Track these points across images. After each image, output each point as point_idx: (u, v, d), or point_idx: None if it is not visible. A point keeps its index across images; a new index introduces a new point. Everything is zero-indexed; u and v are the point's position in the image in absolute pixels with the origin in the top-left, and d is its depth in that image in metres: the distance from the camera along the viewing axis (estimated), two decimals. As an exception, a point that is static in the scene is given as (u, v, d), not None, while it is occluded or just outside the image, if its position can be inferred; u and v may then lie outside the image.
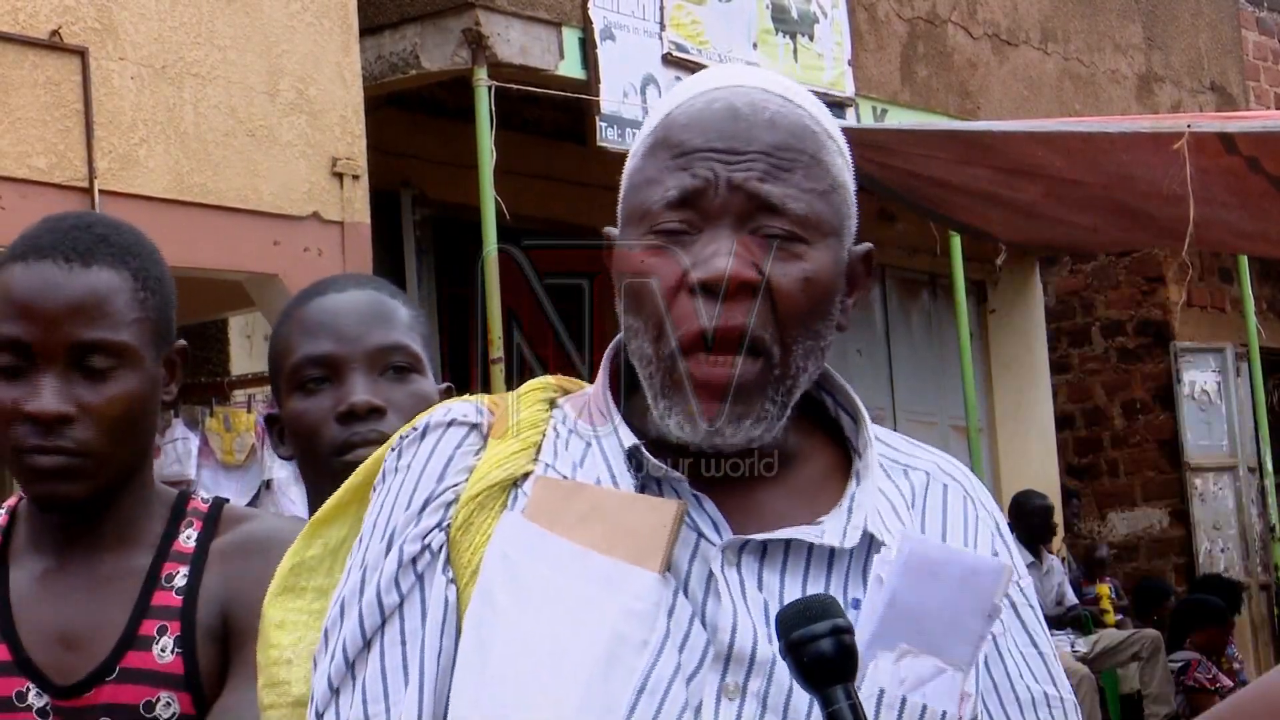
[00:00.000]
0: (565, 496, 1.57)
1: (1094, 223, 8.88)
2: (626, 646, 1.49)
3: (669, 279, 1.55)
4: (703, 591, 1.53)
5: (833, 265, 1.59)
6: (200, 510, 2.14)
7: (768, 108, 1.59)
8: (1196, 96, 12.34)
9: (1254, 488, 13.25)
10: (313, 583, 1.76)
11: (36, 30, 6.53)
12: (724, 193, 1.55)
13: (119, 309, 2.03)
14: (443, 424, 1.63)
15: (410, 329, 2.31)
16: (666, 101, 1.64)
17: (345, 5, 7.52)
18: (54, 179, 6.48)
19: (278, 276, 7.18)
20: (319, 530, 1.77)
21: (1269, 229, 8.44)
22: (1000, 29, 10.99)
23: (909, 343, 12.12)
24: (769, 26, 9.33)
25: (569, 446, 1.61)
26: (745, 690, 1.50)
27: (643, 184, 1.60)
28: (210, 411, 7.36)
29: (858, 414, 1.65)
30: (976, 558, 1.60)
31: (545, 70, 8.33)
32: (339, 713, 1.57)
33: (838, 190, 1.60)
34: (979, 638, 1.55)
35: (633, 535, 1.53)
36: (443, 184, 9.38)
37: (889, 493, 1.62)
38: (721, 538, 1.55)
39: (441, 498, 1.59)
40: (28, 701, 2.01)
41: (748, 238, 1.55)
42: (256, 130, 7.13)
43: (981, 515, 1.66)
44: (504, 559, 1.54)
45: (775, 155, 1.57)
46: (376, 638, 1.57)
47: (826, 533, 1.56)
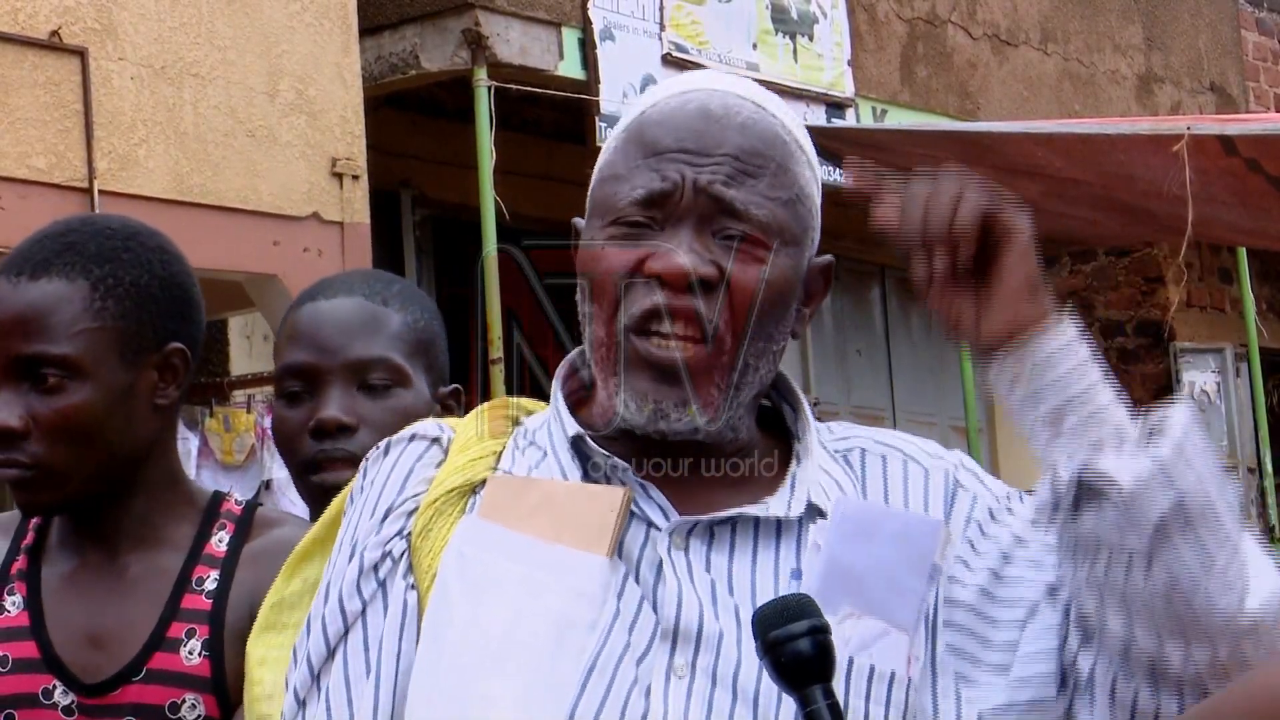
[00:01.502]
0: (516, 492, 1.59)
1: (1094, 217, 8.89)
2: (575, 629, 1.51)
3: (626, 265, 1.58)
4: (653, 576, 1.54)
5: (791, 272, 1.60)
6: (234, 513, 2.15)
7: (740, 112, 1.61)
8: (1196, 97, 12.34)
9: (1253, 488, 13.25)
10: (293, 619, 1.79)
11: (36, 30, 6.53)
12: (689, 194, 1.57)
13: (62, 321, 2.02)
14: (404, 439, 1.66)
15: (397, 339, 2.26)
16: (643, 100, 1.67)
17: (345, 6, 7.52)
18: (54, 179, 6.48)
19: (277, 277, 7.18)
20: (298, 567, 1.80)
21: (1269, 226, 8.45)
22: (1000, 29, 11.00)
23: (909, 343, 12.13)
24: (769, 27, 9.33)
25: (525, 454, 1.64)
26: (694, 667, 1.51)
27: (611, 178, 1.62)
28: (210, 412, 7.36)
29: (797, 403, 1.67)
30: (910, 515, 1.60)
31: (545, 70, 8.33)
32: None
33: (802, 200, 1.62)
34: (920, 598, 1.55)
35: (581, 523, 1.55)
36: (442, 184, 9.38)
37: (834, 473, 1.63)
38: (669, 522, 1.57)
39: (403, 507, 1.62)
40: (54, 699, 2.02)
41: (709, 238, 1.57)
42: (256, 130, 7.14)
43: (930, 467, 1.65)
44: (459, 557, 1.56)
45: (743, 159, 1.59)
46: (340, 645, 1.59)
47: (771, 507, 1.58)
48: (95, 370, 2.03)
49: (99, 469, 2.05)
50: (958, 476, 1.65)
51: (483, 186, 7.78)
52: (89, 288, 2.04)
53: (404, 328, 2.27)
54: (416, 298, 2.34)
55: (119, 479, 2.08)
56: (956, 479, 1.65)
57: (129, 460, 2.08)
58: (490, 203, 7.72)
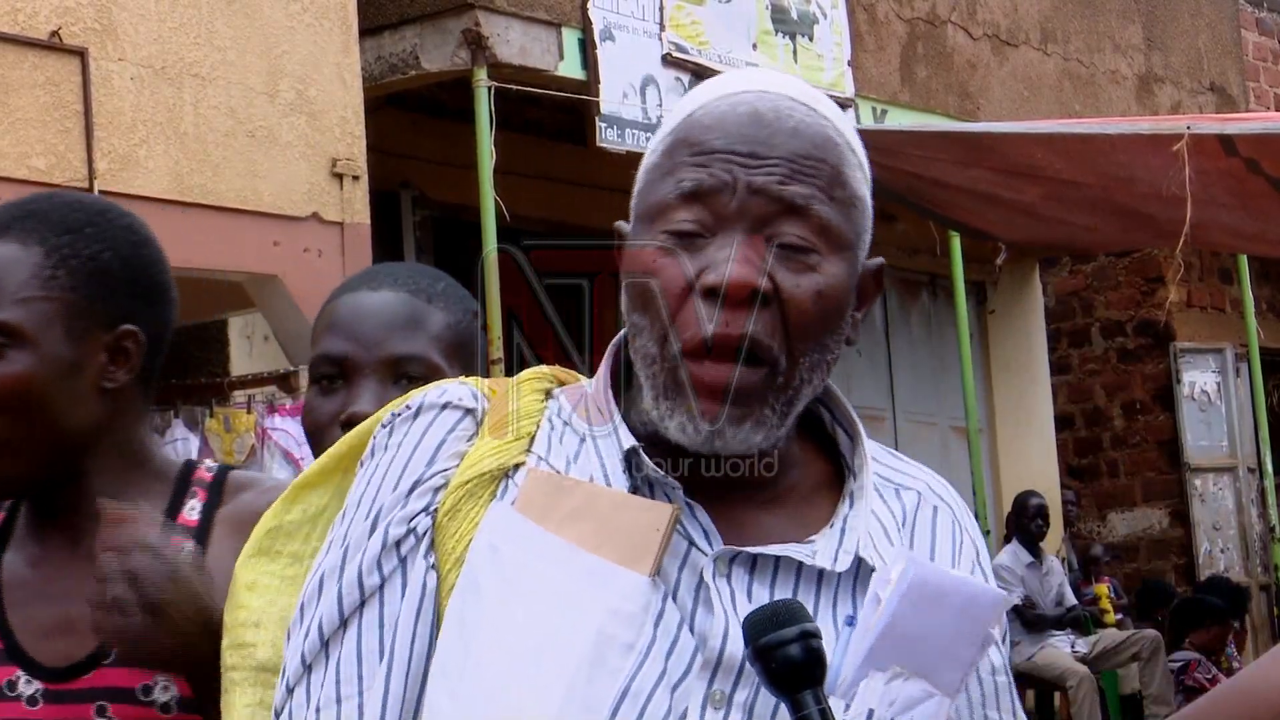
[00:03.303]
0: (556, 491, 1.55)
1: (1093, 223, 8.89)
2: (612, 648, 1.48)
3: (678, 281, 1.53)
4: (692, 600, 1.51)
5: (846, 279, 1.57)
6: (205, 480, 2.10)
7: (792, 115, 1.57)
8: (1196, 97, 12.34)
9: (1254, 488, 13.25)
10: (289, 548, 1.74)
11: (36, 31, 6.53)
12: (742, 195, 1.53)
13: (9, 286, 1.97)
14: (436, 405, 1.61)
15: (437, 338, 2.24)
16: (689, 101, 1.62)
17: (345, 6, 7.52)
18: (54, 179, 6.48)
19: (277, 277, 7.18)
20: (300, 495, 1.75)
21: (1268, 229, 8.44)
22: (1000, 29, 11.00)
23: (909, 343, 12.12)
24: (769, 27, 9.33)
25: (563, 440, 1.60)
26: (731, 700, 1.49)
27: (658, 179, 1.57)
28: (210, 412, 7.36)
29: (855, 431, 1.64)
30: (977, 586, 1.58)
31: (545, 71, 8.33)
32: (310, 689, 1.55)
33: (856, 205, 1.58)
34: (970, 664, 1.54)
35: (624, 536, 1.51)
36: (443, 184, 9.38)
37: (880, 513, 1.61)
38: (713, 547, 1.54)
39: (430, 482, 1.57)
40: (18, 690, 1.98)
41: (762, 245, 1.53)
42: (256, 131, 7.14)
43: (966, 542, 1.64)
44: (492, 550, 1.53)
45: (797, 162, 1.54)
46: (354, 617, 1.55)
47: (818, 554, 1.55)
48: (37, 339, 1.98)
49: (47, 449, 1.99)
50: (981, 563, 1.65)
51: (483, 187, 7.78)
52: (42, 255, 1.99)
53: (445, 327, 2.26)
54: (461, 297, 2.32)
55: (69, 462, 2.02)
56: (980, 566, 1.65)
57: (77, 442, 2.02)
58: (490, 203, 7.72)
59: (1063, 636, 10.82)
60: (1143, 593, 12.31)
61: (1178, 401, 13.22)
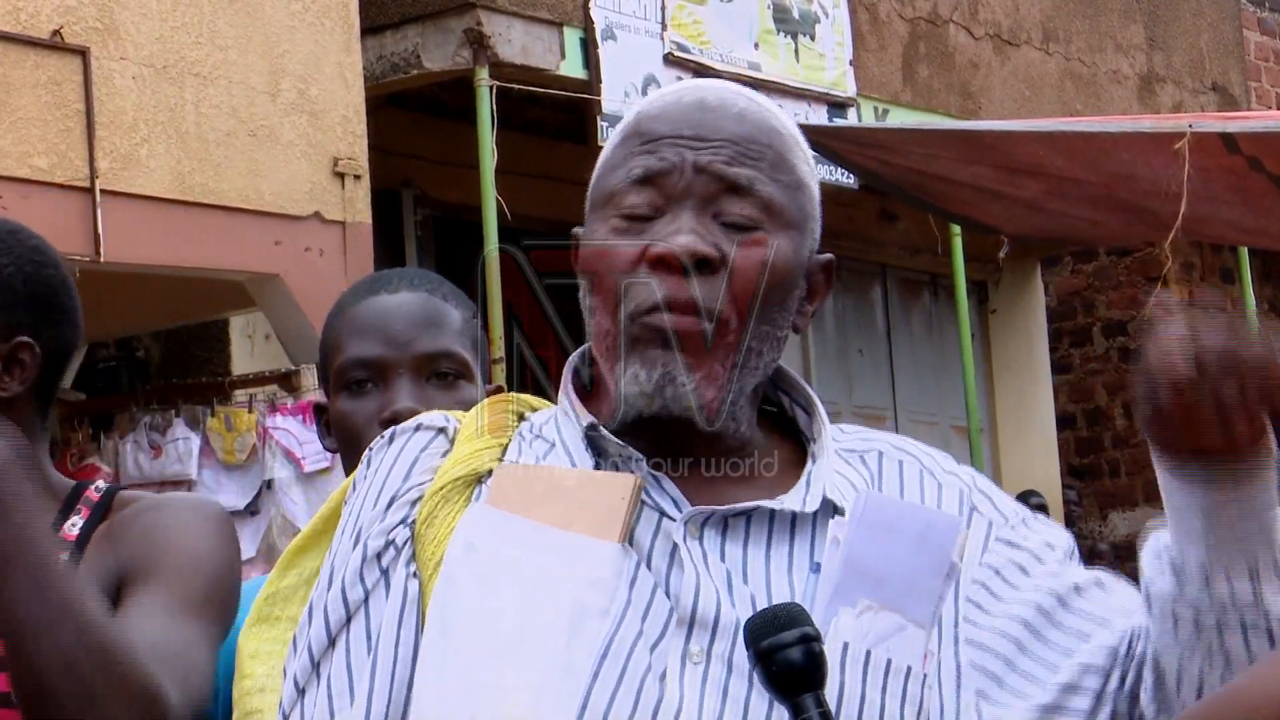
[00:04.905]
0: (524, 479, 1.59)
1: (1096, 217, 8.89)
2: (588, 615, 1.51)
3: (628, 255, 1.59)
4: (665, 564, 1.54)
5: (792, 256, 1.61)
6: (91, 499, 2.13)
7: (736, 104, 1.63)
8: (1198, 97, 12.34)
9: (1255, 488, 13.23)
10: (287, 612, 1.79)
11: (38, 30, 6.53)
12: (689, 175, 1.59)
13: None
14: (409, 429, 1.66)
15: (461, 334, 2.29)
16: (640, 103, 1.69)
17: (346, 5, 7.52)
18: (55, 179, 6.48)
19: (279, 276, 7.18)
20: (294, 560, 1.80)
21: (1269, 225, 8.45)
22: (1002, 29, 10.99)
23: (910, 343, 12.12)
24: (770, 26, 9.33)
25: (533, 446, 1.64)
26: (710, 654, 1.51)
27: (609, 171, 1.64)
28: (211, 411, 7.36)
29: (811, 406, 1.68)
30: (932, 512, 1.61)
31: (546, 70, 8.33)
32: (304, 709, 1.58)
33: (802, 189, 1.63)
34: (938, 596, 1.56)
35: (591, 509, 1.54)
36: (444, 184, 9.39)
37: (849, 476, 1.64)
38: (682, 512, 1.57)
39: (407, 495, 1.61)
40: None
41: (709, 221, 1.58)
42: (258, 130, 7.14)
43: (945, 483, 1.66)
44: (468, 547, 1.56)
45: (742, 145, 1.60)
46: (341, 633, 1.58)
47: (786, 501, 1.58)
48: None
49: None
50: (973, 500, 1.66)
51: (484, 186, 7.78)
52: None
53: (464, 323, 2.31)
54: (463, 296, 2.36)
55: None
56: (972, 502, 1.65)
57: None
58: (492, 202, 7.72)
59: (1064, 636, 10.82)
60: (1144, 592, 12.30)
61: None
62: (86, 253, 6.45)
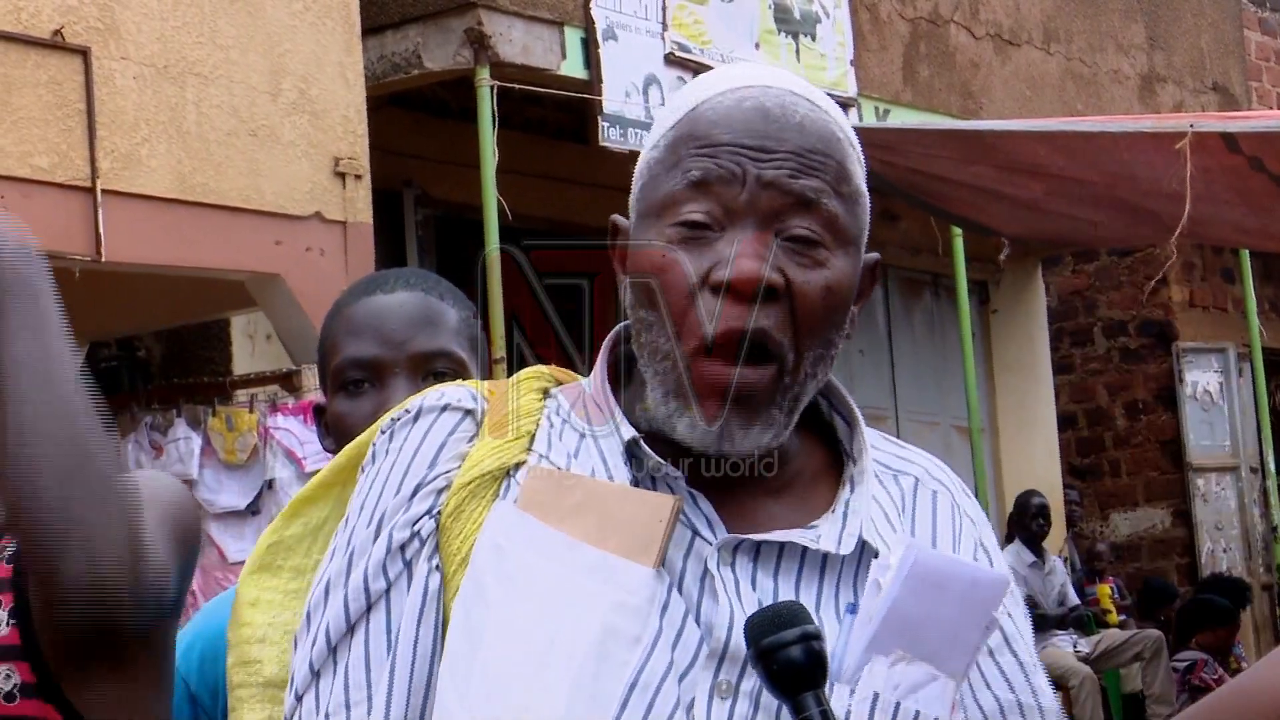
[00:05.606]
0: (558, 487, 1.55)
1: (1097, 218, 8.89)
2: (618, 641, 1.48)
3: (687, 279, 1.53)
4: (697, 589, 1.51)
5: (851, 274, 1.57)
6: None
7: (798, 110, 1.57)
8: (1199, 97, 12.34)
9: (1256, 488, 13.25)
10: (290, 562, 1.75)
11: (39, 30, 6.53)
12: (752, 188, 1.53)
13: None
14: (436, 408, 1.61)
15: (457, 333, 2.27)
16: (688, 96, 1.61)
17: (347, 5, 7.52)
18: (56, 179, 6.48)
19: (280, 276, 7.18)
20: (301, 509, 1.75)
21: (1270, 225, 8.45)
22: (1002, 29, 10.99)
23: (911, 343, 12.12)
24: (771, 26, 9.33)
25: (563, 438, 1.59)
26: (738, 690, 1.49)
27: (662, 173, 1.57)
28: (212, 411, 7.36)
29: (853, 418, 1.64)
30: (979, 570, 1.58)
31: (547, 70, 8.33)
32: (319, 696, 1.55)
33: (859, 200, 1.59)
34: (974, 648, 1.54)
35: (627, 528, 1.51)
36: (445, 184, 9.39)
37: (880, 499, 1.61)
38: (716, 536, 1.54)
39: (433, 484, 1.57)
40: None
41: (771, 240, 1.53)
42: (259, 130, 7.14)
43: (966, 525, 1.65)
44: (496, 550, 1.53)
45: (806, 157, 1.55)
46: (361, 623, 1.55)
47: (822, 538, 1.55)
48: None
49: None
50: (985, 545, 1.65)
51: (485, 186, 7.78)
52: None
53: (461, 322, 2.29)
54: (462, 296, 2.35)
55: None
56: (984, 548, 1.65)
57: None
58: (493, 202, 7.72)
59: (1065, 636, 10.82)
60: (1145, 592, 12.30)
61: (1180, 401, 13.22)
62: (87, 252, 6.45)
